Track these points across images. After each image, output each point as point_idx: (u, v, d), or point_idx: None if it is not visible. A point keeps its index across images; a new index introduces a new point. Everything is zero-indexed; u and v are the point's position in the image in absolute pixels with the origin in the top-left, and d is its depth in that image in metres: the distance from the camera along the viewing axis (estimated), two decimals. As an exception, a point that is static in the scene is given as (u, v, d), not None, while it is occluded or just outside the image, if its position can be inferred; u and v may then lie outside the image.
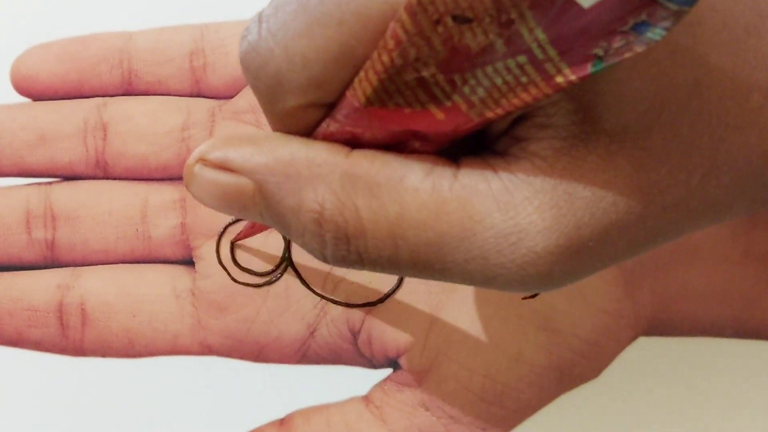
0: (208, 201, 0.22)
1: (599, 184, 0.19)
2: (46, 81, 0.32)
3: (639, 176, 0.19)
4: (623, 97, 0.19)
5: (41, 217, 0.32)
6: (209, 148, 0.21)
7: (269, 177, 0.21)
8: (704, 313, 0.32)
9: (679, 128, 0.20)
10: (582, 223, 0.19)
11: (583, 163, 0.19)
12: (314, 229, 0.21)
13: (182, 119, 0.32)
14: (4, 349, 0.32)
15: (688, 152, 0.20)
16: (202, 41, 0.32)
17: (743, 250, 0.31)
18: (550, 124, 0.19)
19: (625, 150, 0.19)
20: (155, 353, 0.32)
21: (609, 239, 0.20)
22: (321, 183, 0.20)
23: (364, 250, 0.21)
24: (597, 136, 0.19)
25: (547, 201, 0.19)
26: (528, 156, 0.20)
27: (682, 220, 0.20)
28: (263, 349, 0.32)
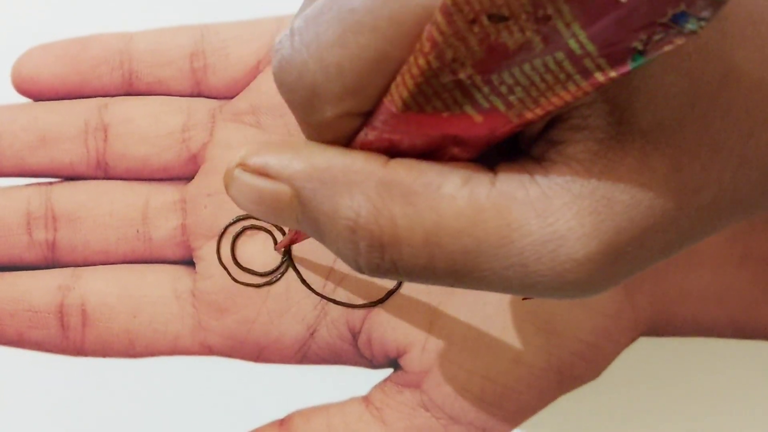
0: (246, 205, 0.22)
1: (637, 187, 0.19)
2: (47, 82, 0.32)
3: (674, 177, 0.19)
4: (658, 94, 0.19)
5: (42, 218, 0.32)
6: (249, 154, 0.21)
7: (306, 183, 0.21)
8: (703, 315, 0.32)
9: (711, 123, 0.19)
10: (621, 228, 0.19)
11: (620, 166, 0.19)
12: (348, 237, 0.20)
13: (183, 120, 0.32)
14: (5, 350, 0.32)
15: (719, 148, 0.20)
16: (203, 42, 0.32)
17: (742, 253, 0.31)
18: (586, 125, 0.19)
19: (660, 149, 0.19)
20: (156, 354, 0.32)
21: (646, 243, 0.20)
22: (357, 190, 0.20)
23: (399, 259, 0.20)
24: (633, 137, 0.19)
25: (586, 207, 0.19)
26: (565, 160, 0.19)
27: (714, 218, 0.20)
28: (263, 350, 0.32)
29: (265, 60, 0.32)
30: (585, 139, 0.19)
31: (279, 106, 0.32)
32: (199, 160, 0.32)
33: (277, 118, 0.32)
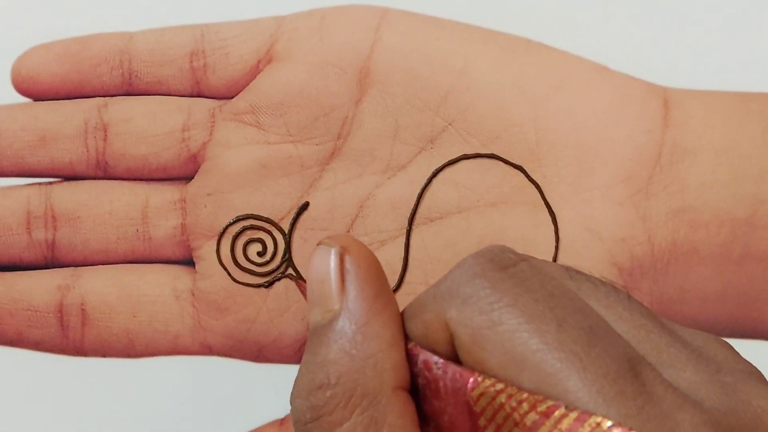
0: (313, 269, 0.24)
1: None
2: (47, 81, 0.32)
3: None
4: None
5: (42, 217, 0.32)
6: (356, 253, 0.23)
7: (342, 322, 0.22)
8: (703, 313, 0.32)
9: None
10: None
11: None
12: (313, 390, 0.22)
13: (182, 120, 0.32)
14: (5, 350, 0.32)
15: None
16: (203, 42, 0.32)
17: (741, 252, 0.31)
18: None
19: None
20: (155, 353, 0.32)
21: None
22: (350, 369, 0.22)
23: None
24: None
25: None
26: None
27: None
28: (263, 349, 0.32)
29: (265, 59, 0.32)
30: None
31: (279, 106, 0.32)
32: (199, 159, 0.32)
33: (277, 117, 0.32)
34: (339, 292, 0.23)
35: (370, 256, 0.24)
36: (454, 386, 0.21)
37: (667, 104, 0.32)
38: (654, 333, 0.22)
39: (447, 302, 0.22)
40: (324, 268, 0.23)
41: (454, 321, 0.22)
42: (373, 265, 0.23)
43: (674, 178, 0.31)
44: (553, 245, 0.31)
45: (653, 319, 0.23)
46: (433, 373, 0.22)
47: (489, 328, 0.21)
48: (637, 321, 0.22)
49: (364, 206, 0.32)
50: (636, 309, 0.23)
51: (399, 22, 0.32)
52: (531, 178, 0.32)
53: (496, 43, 0.32)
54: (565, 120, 0.32)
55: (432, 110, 0.32)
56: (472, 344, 0.21)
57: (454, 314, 0.22)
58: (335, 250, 0.23)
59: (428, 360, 0.22)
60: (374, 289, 0.23)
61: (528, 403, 0.20)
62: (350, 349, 0.22)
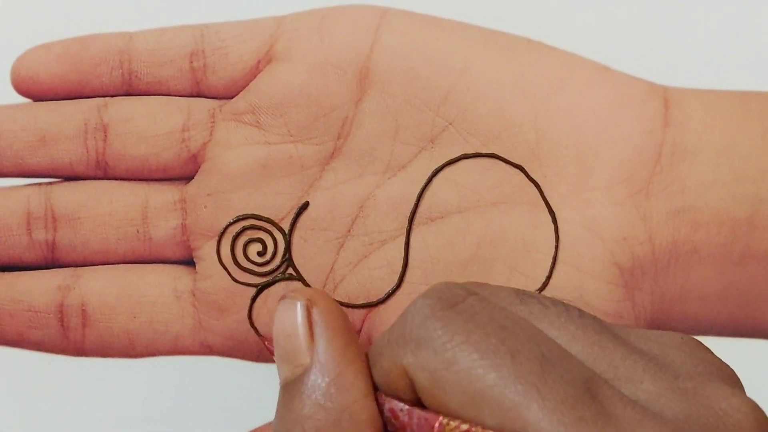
0: (279, 324, 0.24)
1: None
2: (47, 82, 0.32)
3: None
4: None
5: (42, 218, 0.32)
6: (323, 305, 0.24)
7: (314, 375, 0.23)
8: (703, 313, 0.32)
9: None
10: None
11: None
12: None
13: (182, 120, 0.32)
14: (5, 350, 0.32)
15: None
16: (203, 42, 0.32)
17: (742, 251, 0.31)
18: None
19: None
20: (156, 354, 0.32)
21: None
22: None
23: None
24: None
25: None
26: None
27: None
28: (264, 350, 0.32)
29: (265, 59, 0.32)
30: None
31: (279, 106, 0.32)
32: (198, 159, 0.32)
33: (277, 117, 0.32)
34: (308, 345, 0.23)
35: (337, 307, 0.24)
36: (420, 431, 0.21)
37: (667, 104, 0.32)
38: (609, 348, 0.22)
39: (402, 348, 0.22)
40: (291, 322, 0.23)
41: (411, 366, 0.22)
42: (340, 315, 0.24)
43: (674, 178, 0.31)
44: (553, 245, 0.31)
45: (607, 333, 0.23)
46: (400, 420, 0.22)
47: (445, 369, 0.21)
48: (591, 338, 0.22)
49: (365, 206, 0.32)
50: (589, 325, 0.23)
51: (399, 22, 0.32)
52: (531, 178, 0.32)
53: (496, 43, 0.32)
54: (565, 120, 0.32)
55: (432, 110, 0.32)
56: (432, 387, 0.21)
57: (411, 359, 0.22)
58: (301, 303, 0.24)
59: (394, 408, 0.22)
60: (344, 340, 0.23)
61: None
62: (324, 402, 0.22)
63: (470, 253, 0.31)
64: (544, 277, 0.31)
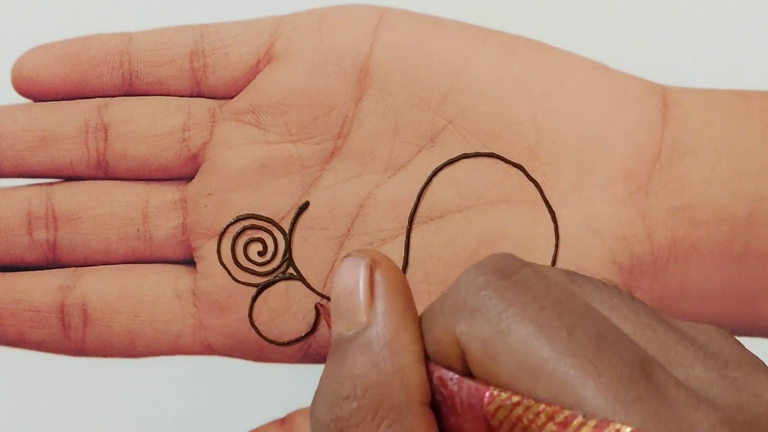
0: (340, 280, 0.23)
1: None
2: (47, 82, 0.32)
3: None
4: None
5: (42, 218, 0.32)
6: (386, 267, 0.23)
7: (369, 335, 0.22)
8: (703, 311, 0.32)
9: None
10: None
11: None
12: (338, 401, 0.22)
13: (183, 120, 0.32)
14: (6, 350, 0.32)
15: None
16: (202, 42, 0.32)
17: (742, 249, 0.31)
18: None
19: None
20: (157, 353, 0.32)
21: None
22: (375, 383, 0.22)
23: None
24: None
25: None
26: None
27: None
28: (264, 349, 0.32)
29: (265, 59, 0.32)
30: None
31: (279, 106, 0.32)
32: (199, 159, 0.32)
33: (277, 117, 0.32)
34: (368, 304, 0.23)
35: (399, 271, 0.23)
36: (470, 401, 0.21)
37: (666, 102, 0.32)
38: (660, 332, 0.22)
39: (455, 316, 0.22)
40: (353, 280, 0.23)
41: (464, 335, 0.21)
42: (402, 280, 0.23)
43: (674, 176, 0.31)
44: (553, 243, 0.31)
45: (658, 317, 0.22)
46: (449, 390, 0.22)
47: (499, 339, 0.21)
48: (643, 320, 0.22)
49: (365, 205, 0.32)
50: (640, 308, 0.22)
51: (398, 22, 0.32)
52: (531, 177, 0.32)
53: (495, 42, 0.32)
54: (565, 118, 0.32)
55: (432, 109, 0.32)
56: (484, 357, 0.21)
57: (463, 328, 0.21)
58: (365, 262, 0.23)
59: (443, 376, 0.22)
60: (403, 304, 0.23)
61: (545, 414, 0.20)
62: (378, 362, 0.22)
63: (470, 251, 0.31)
64: (544, 276, 0.31)
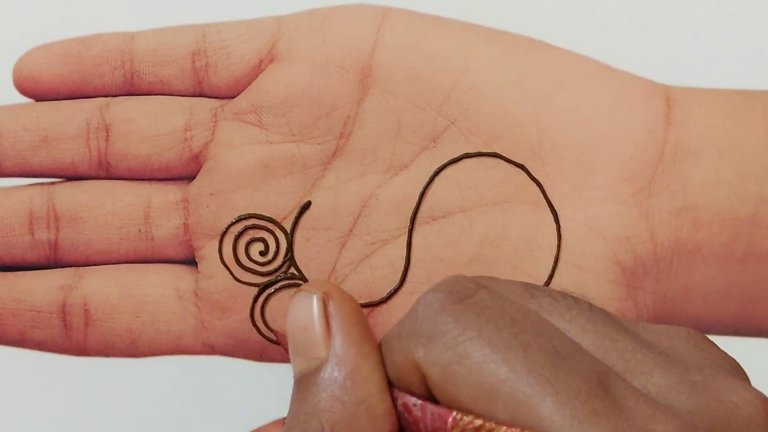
0: (294, 317, 0.24)
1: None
2: (49, 82, 0.32)
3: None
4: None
5: (44, 217, 0.32)
6: (339, 298, 0.23)
7: (330, 368, 0.23)
8: (706, 312, 0.32)
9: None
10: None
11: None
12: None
13: (184, 120, 0.32)
14: (7, 350, 0.32)
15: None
16: (204, 42, 0.32)
17: (745, 250, 0.31)
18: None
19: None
20: (158, 353, 0.32)
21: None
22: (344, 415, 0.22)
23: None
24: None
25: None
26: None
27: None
28: (266, 349, 0.32)
29: (267, 59, 0.32)
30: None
31: (281, 106, 0.32)
32: (201, 159, 0.32)
33: (279, 117, 0.32)
34: (325, 338, 0.23)
35: (352, 300, 0.24)
36: (434, 426, 0.21)
37: (669, 103, 0.32)
38: (619, 341, 0.22)
39: (413, 342, 0.22)
40: (306, 315, 0.23)
41: (422, 360, 0.22)
42: (356, 309, 0.23)
43: (677, 177, 0.31)
44: (555, 244, 0.31)
45: (616, 326, 0.23)
46: (413, 415, 0.22)
47: (457, 363, 0.21)
48: (601, 330, 0.22)
49: (367, 205, 0.32)
50: (599, 318, 0.23)
51: (400, 22, 0.32)
52: (533, 177, 0.32)
53: (497, 42, 0.32)
54: (567, 119, 0.32)
55: (434, 109, 0.32)
56: (443, 381, 0.21)
57: (422, 354, 0.22)
58: (317, 296, 0.23)
59: (407, 402, 0.22)
60: (360, 334, 0.23)
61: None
62: (341, 396, 0.22)
63: (472, 252, 0.31)
64: (547, 276, 0.31)
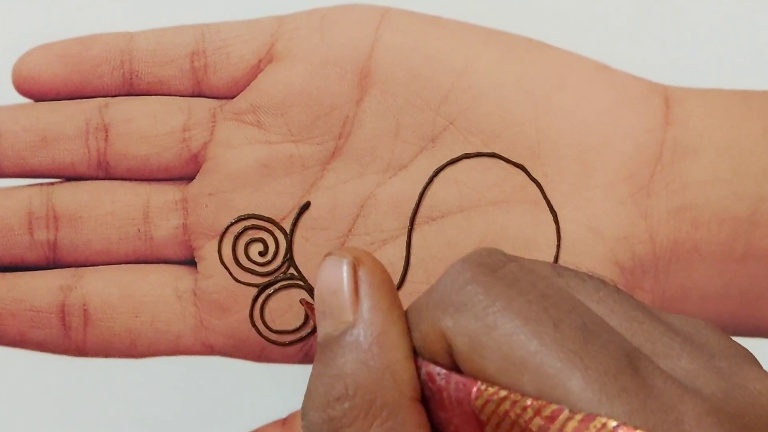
0: (323, 280, 0.23)
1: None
2: (48, 82, 0.32)
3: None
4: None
5: (43, 218, 0.32)
6: (370, 264, 0.23)
7: (357, 333, 0.22)
8: (704, 312, 0.32)
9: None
10: None
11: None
12: (330, 402, 0.22)
13: (183, 120, 0.32)
14: (7, 350, 0.32)
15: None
16: (203, 42, 0.32)
17: (743, 250, 0.31)
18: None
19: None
20: (157, 353, 0.32)
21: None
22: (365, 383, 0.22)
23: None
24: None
25: None
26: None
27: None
28: (265, 349, 0.32)
29: (266, 59, 0.32)
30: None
31: (280, 106, 0.32)
32: (200, 159, 0.32)
33: (278, 117, 0.32)
34: (353, 303, 0.23)
35: (382, 267, 0.23)
36: (458, 396, 0.21)
37: (668, 102, 0.32)
38: (646, 324, 0.22)
39: (441, 311, 0.22)
40: (336, 279, 0.23)
41: (450, 330, 0.21)
42: (385, 276, 0.23)
43: (675, 177, 0.31)
44: (554, 244, 0.31)
45: (644, 309, 0.23)
46: (437, 385, 0.22)
47: (485, 334, 0.21)
48: (629, 313, 0.22)
49: (366, 205, 0.32)
50: (626, 301, 0.23)
51: (399, 22, 0.32)
52: (532, 177, 0.32)
53: (496, 42, 0.32)
54: (566, 119, 0.32)
55: (433, 109, 0.32)
56: (471, 352, 0.21)
57: (450, 323, 0.21)
58: (348, 260, 0.23)
59: (431, 371, 0.22)
60: (389, 300, 0.23)
61: (532, 409, 0.20)
62: (367, 360, 0.22)
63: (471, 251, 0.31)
64: (546, 276, 0.31)
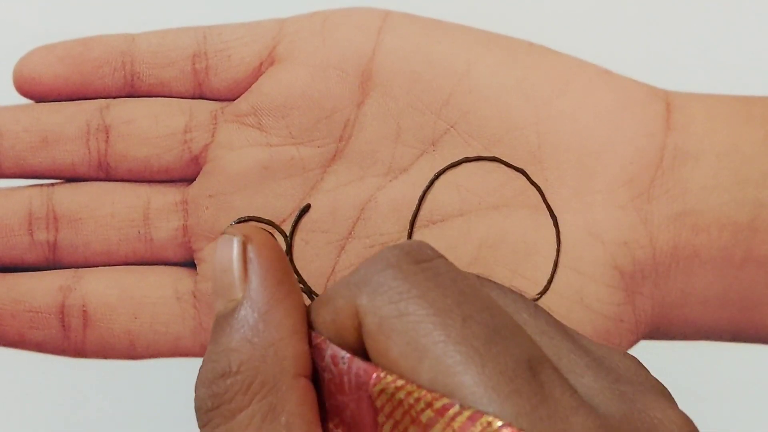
0: (216, 259, 0.24)
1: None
2: (49, 83, 0.32)
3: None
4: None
5: (43, 218, 0.32)
6: (258, 242, 0.23)
7: (244, 310, 0.23)
8: (704, 317, 0.32)
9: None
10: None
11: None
12: (215, 378, 0.22)
13: (184, 121, 0.32)
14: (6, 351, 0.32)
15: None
16: (205, 44, 0.32)
17: (743, 255, 0.31)
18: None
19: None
20: (157, 355, 0.32)
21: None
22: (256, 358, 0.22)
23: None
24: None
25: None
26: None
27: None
28: (265, 351, 0.32)
29: (267, 61, 0.32)
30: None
31: (281, 108, 0.32)
32: (200, 161, 0.32)
33: (279, 119, 0.32)
34: (242, 281, 0.23)
35: (273, 244, 0.24)
36: (357, 381, 0.22)
37: (669, 108, 0.32)
38: (556, 339, 0.23)
39: (359, 289, 0.22)
40: (227, 258, 0.24)
41: (363, 308, 0.22)
42: (275, 253, 0.24)
43: (676, 182, 0.31)
44: (554, 248, 0.31)
45: (558, 326, 0.23)
46: (338, 368, 0.22)
47: (396, 317, 0.21)
48: (541, 327, 0.23)
49: (366, 208, 0.32)
50: (541, 316, 0.23)
51: (401, 25, 0.32)
52: (533, 182, 0.32)
53: (498, 46, 0.32)
54: (567, 123, 0.32)
55: (434, 113, 0.32)
56: (378, 332, 0.22)
57: (364, 301, 0.22)
58: (237, 239, 0.24)
59: (335, 354, 0.22)
60: (276, 278, 0.23)
61: (425, 401, 0.20)
62: (252, 337, 0.23)
63: (471, 256, 0.31)
64: (545, 281, 0.31)
